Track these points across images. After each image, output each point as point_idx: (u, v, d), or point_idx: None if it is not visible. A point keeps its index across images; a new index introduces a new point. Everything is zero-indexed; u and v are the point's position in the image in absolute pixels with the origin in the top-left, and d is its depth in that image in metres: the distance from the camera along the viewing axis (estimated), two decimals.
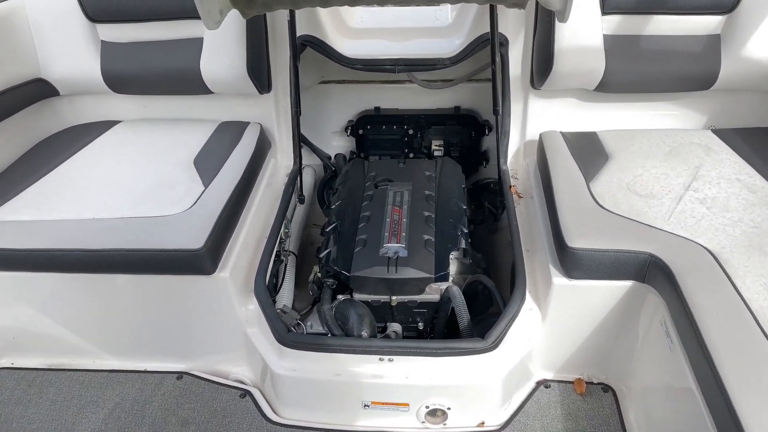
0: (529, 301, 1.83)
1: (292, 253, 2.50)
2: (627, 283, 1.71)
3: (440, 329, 2.06)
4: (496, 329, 1.73)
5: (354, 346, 1.74)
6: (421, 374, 1.74)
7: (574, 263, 1.68)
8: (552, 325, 1.82)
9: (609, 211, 1.78)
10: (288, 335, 1.77)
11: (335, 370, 1.76)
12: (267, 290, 1.86)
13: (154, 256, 1.74)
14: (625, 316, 1.76)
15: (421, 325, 2.08)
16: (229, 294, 1.85)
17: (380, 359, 1.75)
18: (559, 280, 1.74)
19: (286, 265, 2.37)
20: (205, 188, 1.97)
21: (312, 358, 1.76)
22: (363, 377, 1.74)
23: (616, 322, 1.78)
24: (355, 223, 2.08)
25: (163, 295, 1.88)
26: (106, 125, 2.39)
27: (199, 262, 1.74)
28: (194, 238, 1.74)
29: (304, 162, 2.78)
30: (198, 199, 1.92)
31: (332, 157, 2.81)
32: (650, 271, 1.64)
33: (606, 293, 1.74)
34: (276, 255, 2.30)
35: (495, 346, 1.72)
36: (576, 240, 1.67)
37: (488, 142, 2.72)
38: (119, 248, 1.74)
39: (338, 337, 1.83)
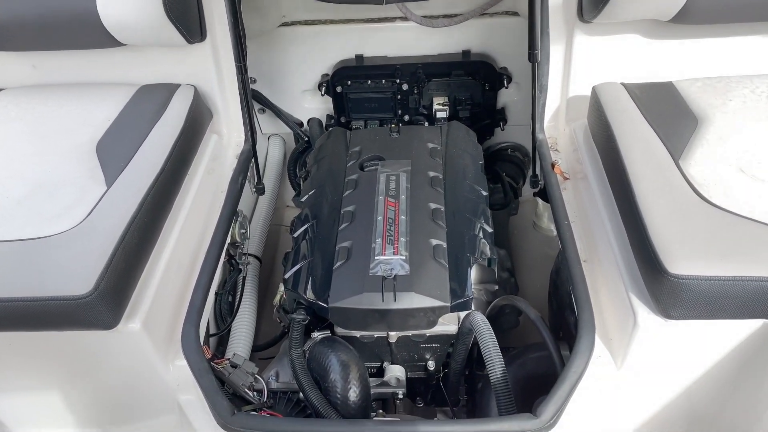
0: (596, 348, 1.22)
1: (254, 257, 1.89)
2: (756, 323, 1.15)
3: (458, 370, 1.51)
4: (553, 400, 1.14)
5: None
6: None
7: (676, 297, 1.09)
8: (631, 376, 1.27)
9: (720, 208, 1.18)
10: (233, 418, 1.16)
11: None
12: (200, 347, 1.25)
13: (20, 308, 1.13)
14: (750, 365, 1.23)
15: (431, 365, 1.56)
16: (145, 352, 1.25)
17: None
18: (649, 320, 1.17)
19: (244, 277, 1.76)
20: (108, 189, 1.35)
21: None
22: None
23: (733, 373, 1.25)
24: (334, 222, 1.51)
25: (47, 356, 1.28)
26: None
27: (89, 313, 1.13)
28: (79, 278, 1.13)
29: (270, 130, 2.24)
30: (94, 207, 1.30)
31: (304, 124, 2.23)
32: None
33: (722, 337, 1.20)
34: (231, 260, 1.70)
35: (553, 423, 1.13)
36: (681, 262, 1.08)
37: (506, 96, 2.13)
38: None
39: (308, 420, 1.24)
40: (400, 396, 1.48)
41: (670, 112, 1.45)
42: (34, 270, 1.16)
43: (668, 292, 1.09)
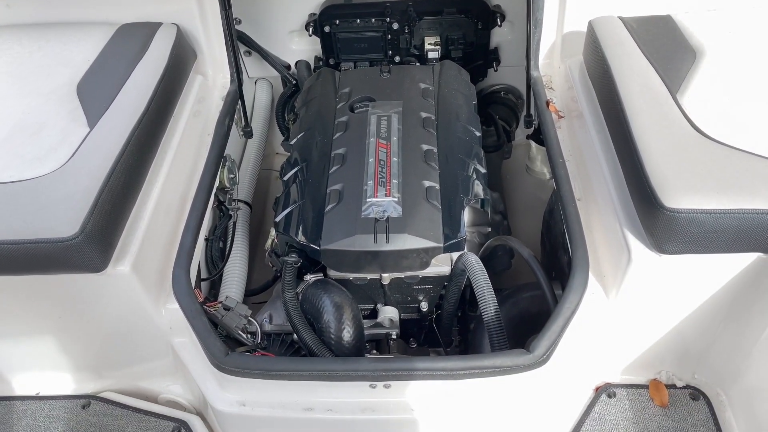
0: (590, 283, 1.22)
1: (244, 202, 1.87)
2: (750, 257, 1.15)
3: (451, 310, 1.51)
4: (547, 335, 1.14)
5: (329, 370, 1.14)
6: (435, 407, 1.19)
7: (671, 231, 1.08)
8: (622, 311, 1.28)
9: (717, 141, 1.16)
10: (227, 359, 1.16)
11: (303, 404, 1.18)
12: (192, 289, 1.23)
13: (5, 252, 1.12)
14: (741, 299, 1.23)
15: (424, 306, 1.55)
16: (136, 295, 1.24)
17: (372, 386, 1.17)
18: (642, 255, 1.16)
19: (235, 223, 1.74)
20: (91, 130, 1.31)
21: (267, 388, 1.18)
22: (347, 413, 1.18)
23: (724, 307, 1.26)
24: (324, 165, 1.48)
25: (36, 300, 1.26)
26: None
27: (77, 256, 1.11)
28: (65, 220, 1.11)
29: (257, 73, 2.16)
30: (77, 149, 1.26)
31: (292, 66, 2.14)
32: None
33: (715, 271, 1.19)
34: (221, 206, 1.68)
35: (546, 358, 1.14)
36: (677, 196, 1.06)
37: (500, 36, 2.05)
38: None
39: (303, 359, 1.24)
40: (394, 337, 1.48)
41: (668, 46, 1.41)
42: (19, 213, 1.13)
43: (663, 227, 1.08)
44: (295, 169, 1.51)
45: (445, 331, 1.56)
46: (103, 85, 1.44)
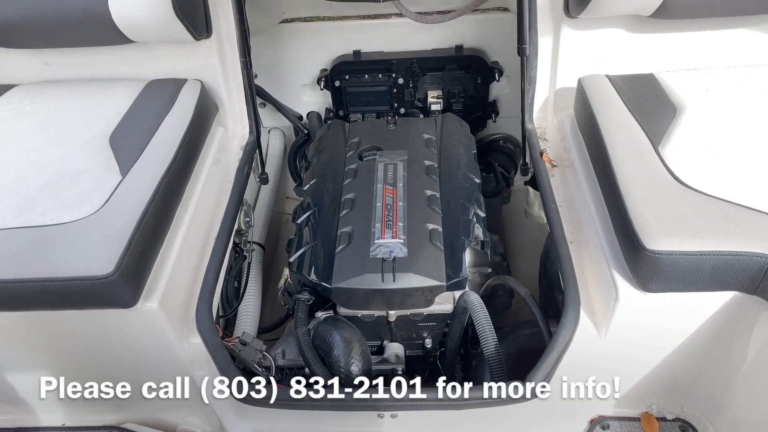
0: (582, 321, 1.31)
1: (258, 244, 1.97)
2: (727, 295, 1.24)
3: (454, 347, 1.58)
4: (541, 369, 1.23)
5: (340, 401, 1.22)
6: None
7: (653, 271, 1.18)
8: (613, 346, 1.35)
9: (695, 189, 1.26)
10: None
11: None
12: (214, 325, 1.33)
13: (45, 288, 1.21)
14: (721, 335, 1.31)
15: (428, 343, 1.61)
16: (162, 329, 1.33)
17: (379, 416, 1.25)
18: (628, 294, 1.25)
19: (249, 263, 1.84)
20: (123, 177, 1.43)
21: (282, 418, 1.26)
22: None
23: (706, 342, 1.33)
24: (335, 209, 1.57)
25: (68, 334, 1.36)
26: None
27: (111, 292, 1.21)
28: (101, 259, 1.21)
29: (271, 123, 2.29)
30: (111, 195, 1.37)
31: (304, 117, 2.27)
32: (766, 281, 1.13)
33: (695, 308, 1.27)
34: (236, 248, 1.78)
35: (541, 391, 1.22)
36: (657, 239, 1.16)
37: (498, 89, 2.19)
38: None
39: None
40: (399, 372, 1.55)
41: (651, 102, 1.53)
42: (59, 253, 1.24)
43: (646, 267, 1.18)
44: (308, 212, 1.61)
45: (449, 367, 1.62)
46: (133, 136, 1.56)
